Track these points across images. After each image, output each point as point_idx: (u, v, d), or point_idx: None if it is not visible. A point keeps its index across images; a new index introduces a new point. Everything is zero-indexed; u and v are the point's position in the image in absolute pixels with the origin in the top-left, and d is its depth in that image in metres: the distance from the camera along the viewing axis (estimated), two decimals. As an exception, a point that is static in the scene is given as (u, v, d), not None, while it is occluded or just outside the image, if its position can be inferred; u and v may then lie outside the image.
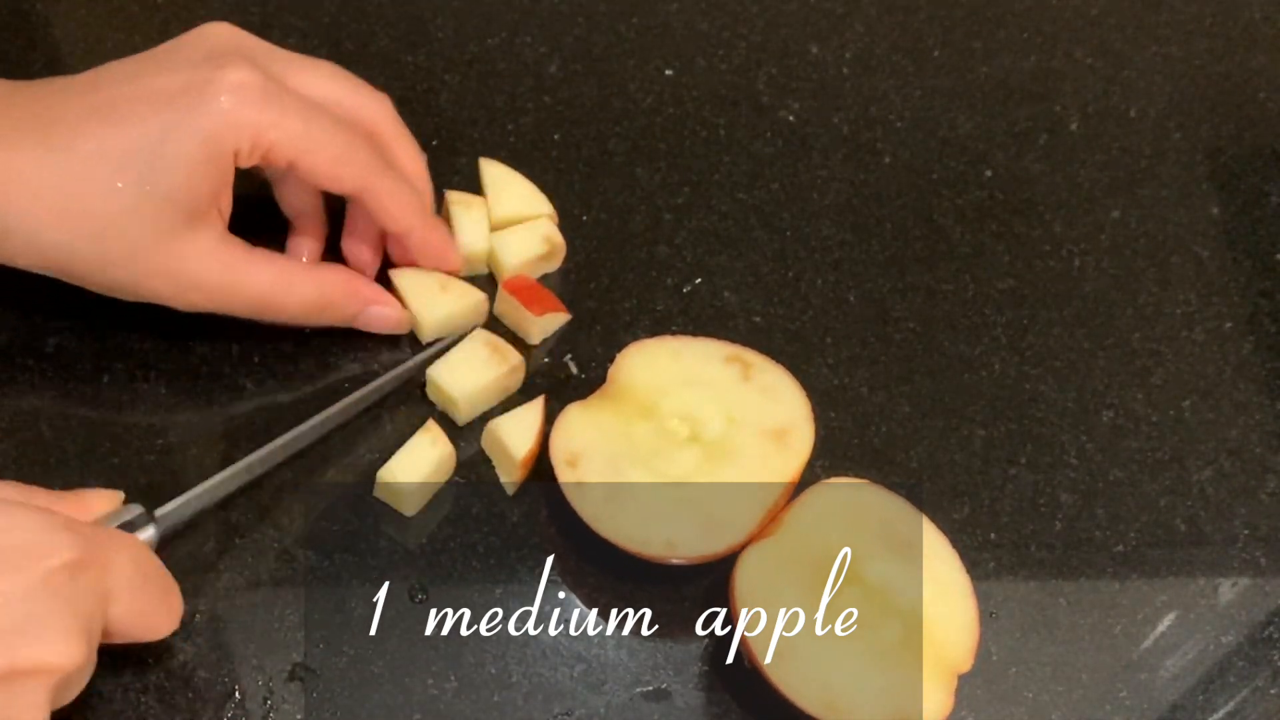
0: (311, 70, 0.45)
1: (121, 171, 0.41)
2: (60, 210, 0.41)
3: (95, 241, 0.42)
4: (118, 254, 0.42)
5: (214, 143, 0.41)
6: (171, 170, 0.41)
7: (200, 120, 0.41)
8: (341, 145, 0.44)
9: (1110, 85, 0.58)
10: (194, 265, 0.43)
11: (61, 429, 0.46)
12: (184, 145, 0.41)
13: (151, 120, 0.41)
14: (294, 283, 0.45)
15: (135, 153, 0.41)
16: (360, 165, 0.44)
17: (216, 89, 0.41)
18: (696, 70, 0.57)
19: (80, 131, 0.41)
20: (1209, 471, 0.49)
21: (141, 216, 0.42)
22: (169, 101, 0.41)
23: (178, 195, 0.42)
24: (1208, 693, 0.45)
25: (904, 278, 0.52)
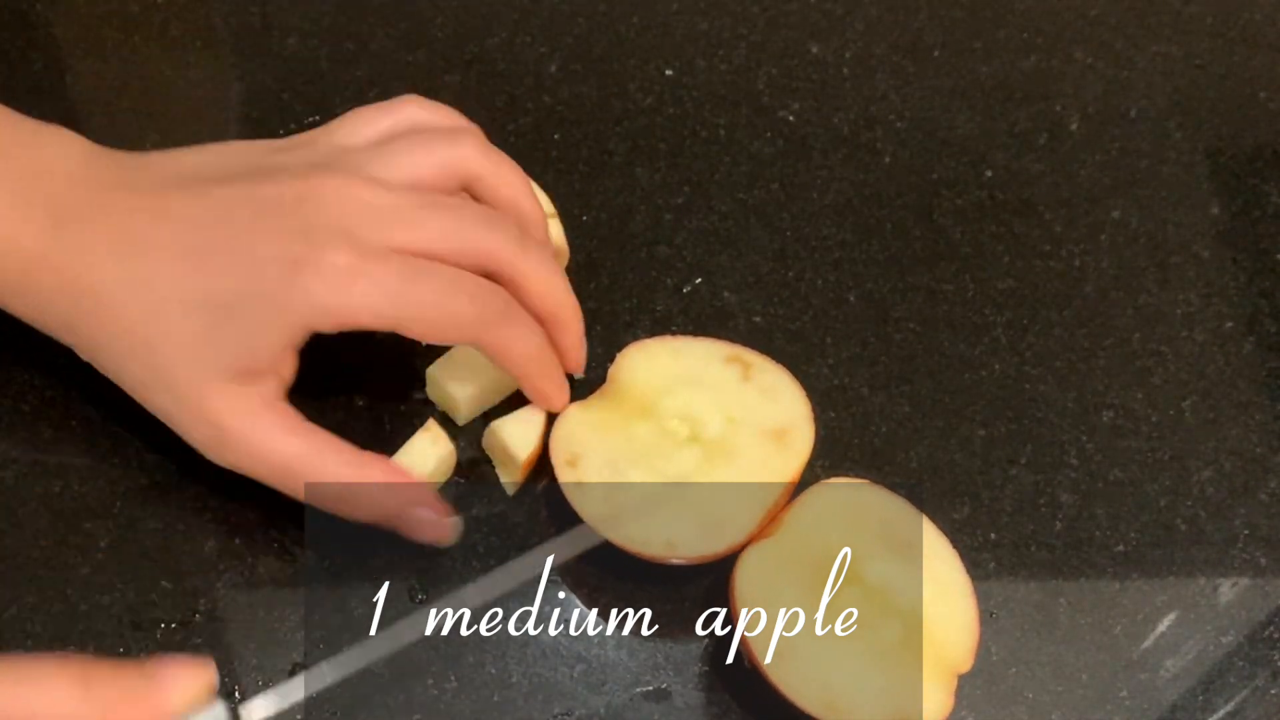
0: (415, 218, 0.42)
1: (190, 313, 0.41)
2: (124, 334, 0.41)
3: (147, 371, 0.42)
4: (167, 388, 0.42)
5: (291, 326, 0.41)
6: (238, 332, 0.41)
7: (283, 300, 0.40)
8: (440, 311, 0.41)
9: (1110, 85, 0.58)
10: (231, 422, 0.41)
11: (61, 429, 0.46)
12: (259, 318, 0.41)
13: (232, 285, 0.41)
14: (326, 462, 0.42)
15: (211, 308, 0.41)
16: (462, 323, 0.42)
17: (309, 272, 0.40)
18: (696, 70, 0.57)
19: (163, 271, 0.41)
20: (1209, 471, 0.49)
21: (197, 363, 0.41)
22: (259, 271, 0.40)
23: (238, 353, 0.41)
24: (1208, 693, 0.45)
25: (904, 278, 0.52)
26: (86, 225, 0.42)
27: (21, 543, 0.44)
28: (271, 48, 0.55)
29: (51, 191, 0.42)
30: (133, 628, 0.43)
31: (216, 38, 0.56)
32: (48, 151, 0.43)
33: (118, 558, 0.44)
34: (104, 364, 0.43)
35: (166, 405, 0.42)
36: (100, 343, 0.42)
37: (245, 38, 0.55)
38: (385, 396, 0.48)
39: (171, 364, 0.41)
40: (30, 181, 0.42)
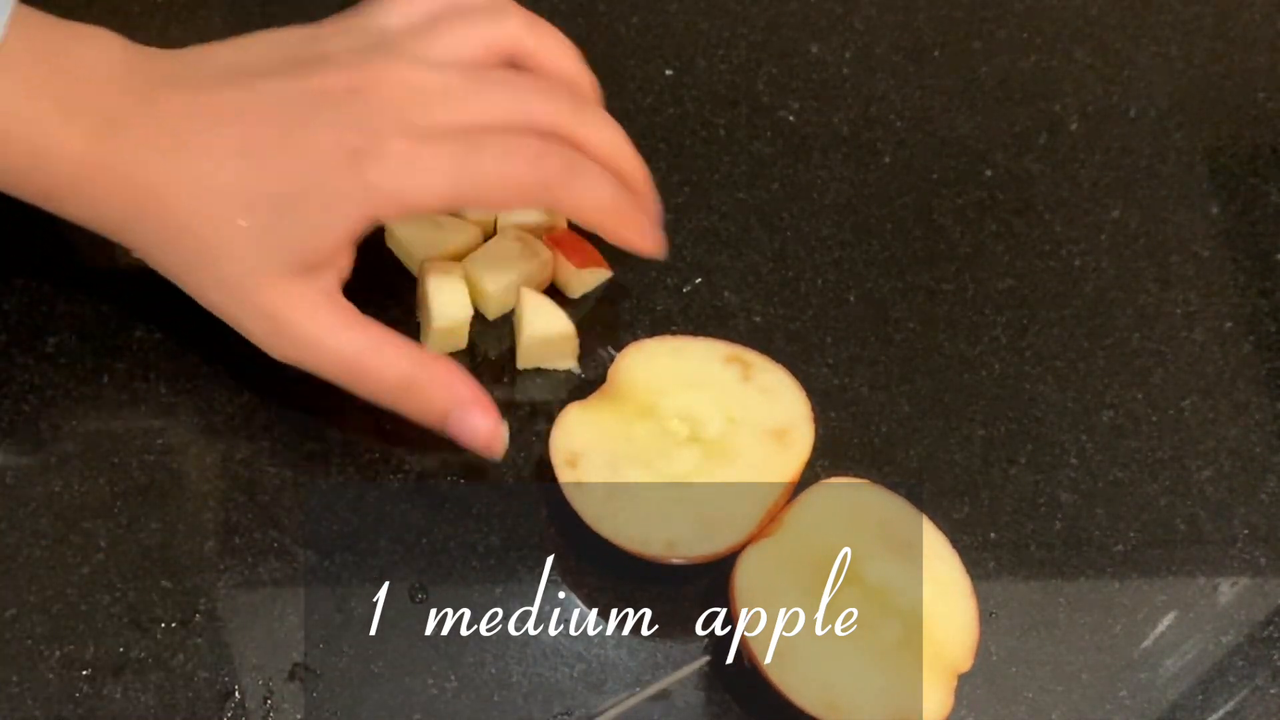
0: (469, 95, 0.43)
1: (248, 211, 0.41)
2: (182, 232, 0.41)
3: (205, 267, 0.42)
4: (224, 282, 0.42)
5: (351, 217, 0.41)
6: (298, 226, 0.41)
7: (344, 191, 0.41)
8: (503, 180, 0.42)
9: (1110, 85, 0.58)
10: (291, 314, 0.42)
11: (61, 429, 0.46)
12: (318, 209, 0.41)
13: (291, 180, 0.41)
14: (386, 355, 0.43)
15: (268, 200, 0.41)
16: (528, 190, 0.42)
17: (368, 162, 0.41)
18: (696, 70, 0.57)
19: (220, 168, 0.41)
20: (1209, 471, 0.49)
21: (255, 257, 0.41)
22: (317, 164, 0.41)
23: (298, 247, 0.41)
24: (1208, 693, 0.45)
25: (904, 278, 0.52)
26: (135, 126, 0.41)
27: (21, 543, 0.44)
28: (271, 48, 0.55)
29: (96, 93, 0.41)
30: (133, 628, 0.43)
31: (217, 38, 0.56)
32: (88, 53, 0.42)
33: (118, 558, 0.44)
34: (160, 262, 0.43)
35: (225, 301, 0.42)
36: (157, 242, 0.42)
37: (245, 38, 0.55)
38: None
39: (231, 260, 0.41)
40: (73, 84, 0.41)
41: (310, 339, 0.42)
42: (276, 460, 0.46)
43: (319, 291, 0.42)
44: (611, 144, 0.45)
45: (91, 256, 0.49)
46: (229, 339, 0.48)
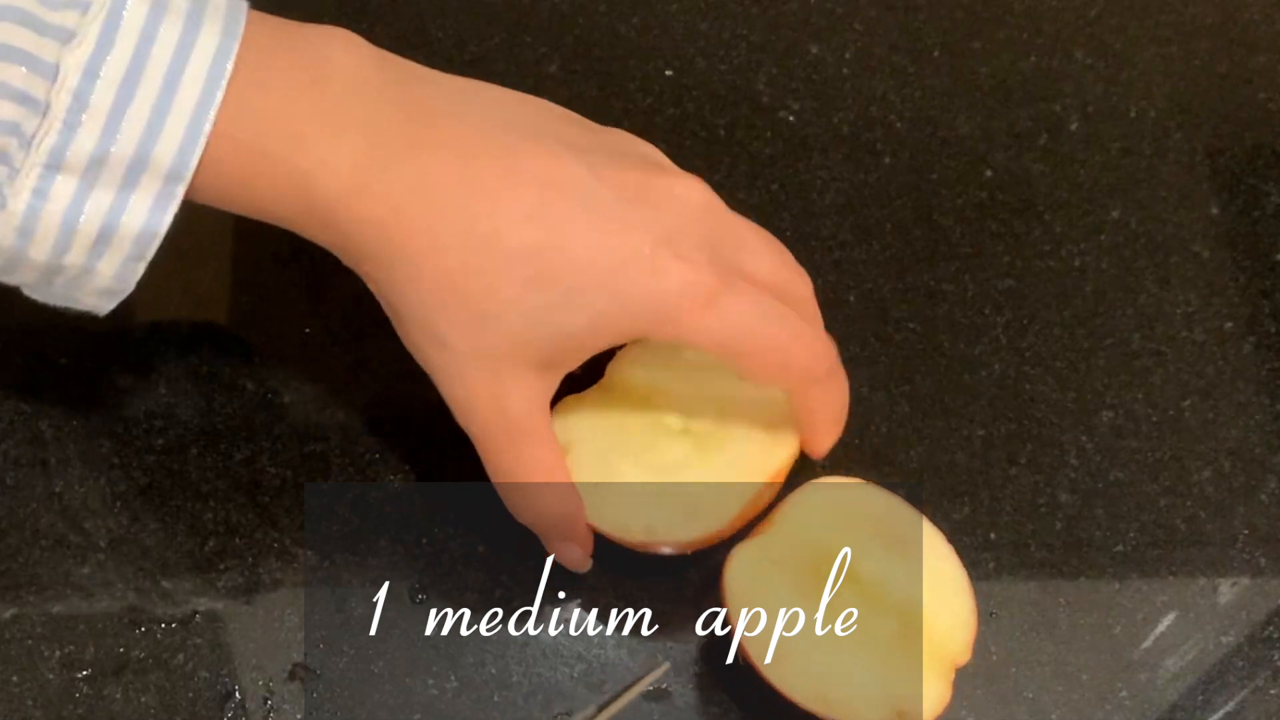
0: (762, 251, 0.41)
1: (524, 289, 0.37)
2: (443, 280, 0.37)
3: (449, 323, 0.38)
4: (459, 343, 0.38)
5: (631, 326, 0.38)
6: (571, 321, 0.38)
7: (633, 300, 0.37)
8: (776, 356, 0.40)
9: (1110, 85, 0.58)
10: (504, 400, 0.39)
11: (61, 429, 0.46)
12: (600, 311, 0.37)
13: (588, 270, 0.37)
14: (549, 489, 0.41)
15: (551, 285, 0.37)
16: (790, 375, 0.41)
17: (668, 280, 0.37)
18: (696, 70, 0.57)
19: (512, 232, 0.37)
20: (1209, 471, 0.49)
21: (508, 333, 0.38)
22: (615, 264, 0.37)
23: (560, 344, 0.38)
24: (1208, 693, 0.45)
25: (904, 278, 0.52)
26: (419, 156, 0.37)
27: (21, 543, 0.44)
28: (271, 48, 0.55)
29: (367, 113, 0.37)
30: (133, 627, 0.43)
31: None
32: (345, 59, 0.37)
33: (118, 558, 0.44)
34: (398, 302, 0.38)
35: (448, 365, 0.39)
36: (406, 285, 0.38)
37: (245, 38, 0.55)
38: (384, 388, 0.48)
39: (484, 332, 0.37)
40: (341, 103, 0.37)
41: (507, 434, 0.40)
42: (276, 460, 0.46)
43: (544, 392, 0.39)
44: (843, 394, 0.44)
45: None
46: (229, 339, 0.48)
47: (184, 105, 0.34)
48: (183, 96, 0.34)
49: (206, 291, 0.49)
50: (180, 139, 0.35)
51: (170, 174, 0.35)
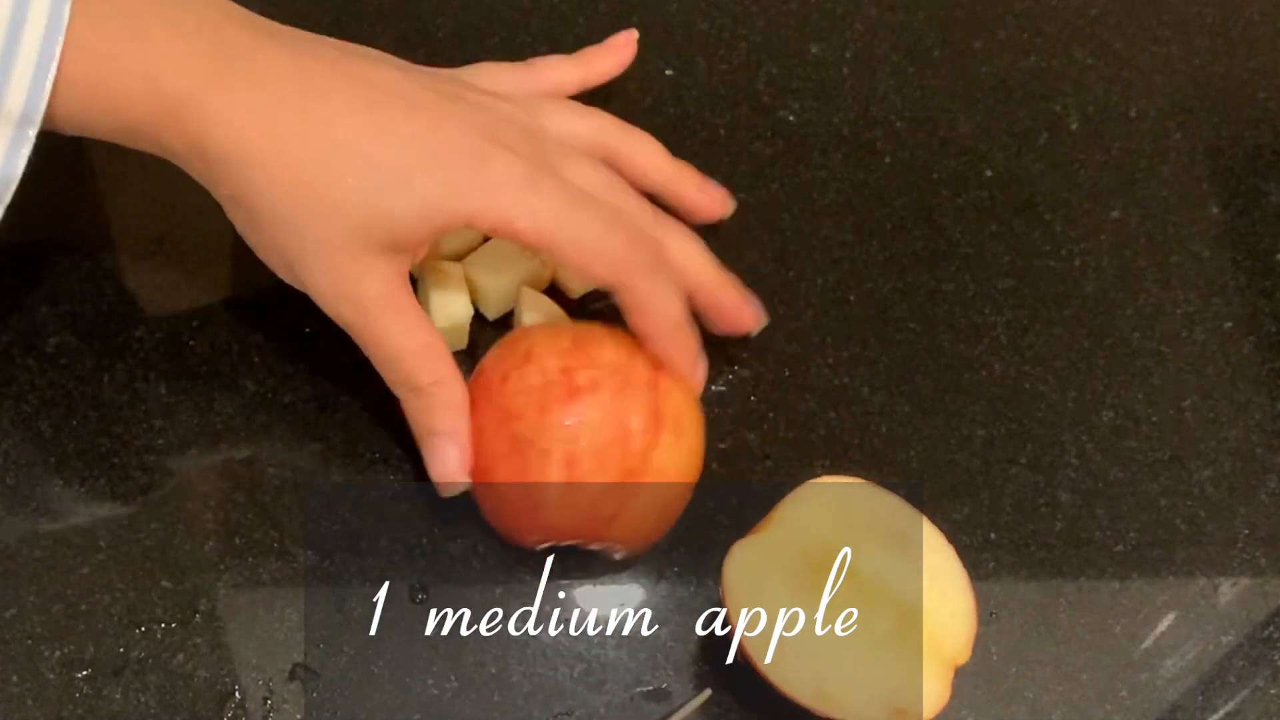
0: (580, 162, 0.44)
1: (366, 171, 0.40)
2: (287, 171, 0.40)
3: (296, 216, 0.40)
4: (310, 235, 0.41)
5: (457, 207, 0.41)
6: (402, 202, 0.40)
7: (459, 184, 0.41)
8: (597, 238, 0.42)
9: (1110, 85, 0.58)
10: (360, 283, 0.41)
11: (61, 429, 0.46)
12: (429, 193, 0.40)
13: (414, 153, 0.40)
14: (426, 357, 0.43)
15: (381, 168, 0.40)
16: (613, 262, 0.42)
17: (491, 166, 0.41)
18: (696, 70, 0.57)
19: (344, 120, 0.40)
20: (1209, 471, 0.49)
21: (355, 222, 0.40)
22: (440, 149, 0.41)
23: (398, 225, 0.41)
24: (1208, 693, 0.45)
25: (904, 278, 0.52)
26: (260, 56, 0.40)
27: (21, 543, 0.44)
28: (271, 48, 0.55)
29: (211, 22, 0.40)
30: (133, 628, 0.43)
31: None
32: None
33: (118, 558, 0.44)
34: (251, 201, 0.41)
35: (302, 257, 0.41)
36: (251, 183, 0.40)
37: (245, 38, 0.55)
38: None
39: (328, 219, 0.40)
40: (186, 13, 0.40)
41: (370, 315, 0.42)
42: (276, 460, 0.46)
43: (396, 274, 0.42)
44: (691, 256, 0.46)
45: (92, 257, 0.49)
46: (229, 339, 0.48)
47: (28, 55, 0.37)
48: (25, 47, 0.37)
49: (206, 291, 0.49)
50: (28, 86, 0.37)
51: (22, 119, 0.38)
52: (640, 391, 0.43)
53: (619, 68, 0.51)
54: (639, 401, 0.42)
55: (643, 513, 0.43)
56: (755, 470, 0.48)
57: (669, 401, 0.43)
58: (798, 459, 0.48)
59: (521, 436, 0.42)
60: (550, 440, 0.42)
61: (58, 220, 0.46)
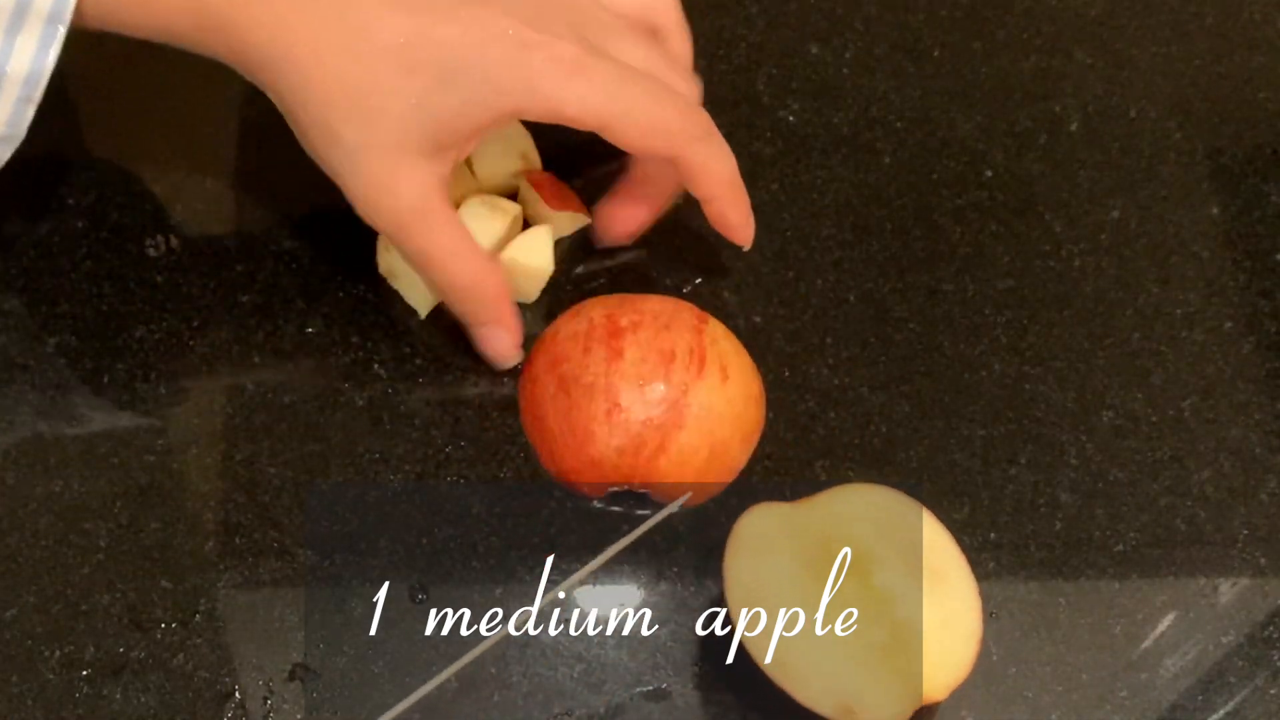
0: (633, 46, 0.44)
1: (408, 75, 0.40)
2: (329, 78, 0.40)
3: (340, 119, 0.41)
4: (351, 138, 0.41)
5: (503, 103, 0.41)
6: (452, 106, 0.41)
7: (503, 79, 0.41)
8: (648, 112, 0.42)
9: (1110, 85, 0.58)
10: (401, 187, 0.42)
11: (61, 429, 0.46)
12: (476, 93, 0.40)
13: (458, 51, 0.40)
14: (463, 257, 0.44)
15: (431, 71, 0.40)
16: (669, 136, 0.43)
17: (533, 59, 0.41)
18: (697, 70, 0.57)
19: (384, 22, 0.40)
20: (1209, 471, 0.49)
21: (398, 125, 0.41)
22: (483, 44, 0.40)
23: (443, 126, 0.41)
24: (1208, 693, 0.45)
25: (904, 278, 0.52)
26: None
27: (21, 543, 0.44)
28: (271, 48, 0.55)
29: None
30: (133, 628, 0.43)
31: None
32: None
33: (118, 558, 0.44)
34: (293, 105, 0.41)
35: (343, 161, 0.42)
36: (293, 88, 0.41)
37: (245, 38, 0.55)
38: (386, 386, 0.48)
39: (372, 124, 0.41)
40: None
41: (409, 218, 0.42)
42: (276, 460, 0.46)
43: (437, 177, 0.42)
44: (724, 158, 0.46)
45: (92, 257, 0.49)
46: (229, 339, 0.48)
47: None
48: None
49: (206, 291, 0.49)
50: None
51: (51, 16, 0.39)
52: (683, 334, 0.45)
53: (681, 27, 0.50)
54: (681, 341, 0.45)
55: (690, 449, 0.44)
56: (755, 470, 0.48)
57: (714, 346, 0.45)
58: (798, 459, 0.48)
59: (567, 376, 0.44)
60: (592, 375, 0.44)
61: (58, 220, 0.46)
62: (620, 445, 0.44)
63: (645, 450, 0.44)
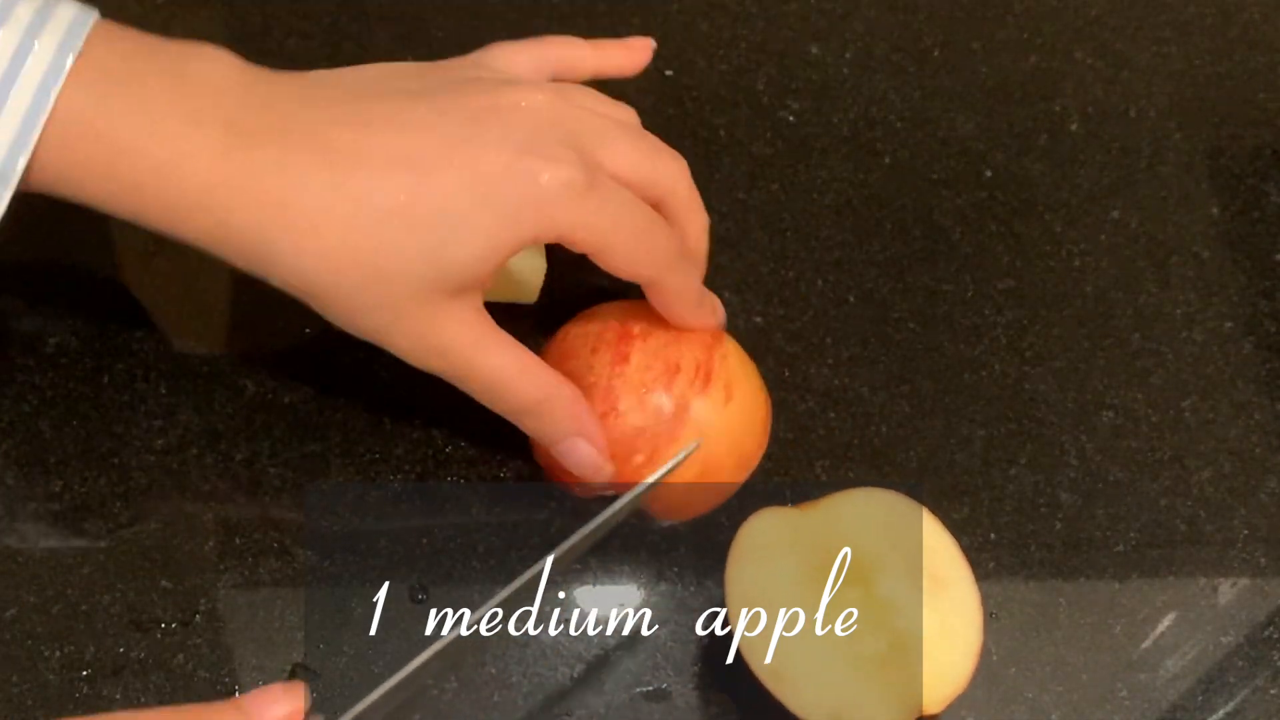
0: (619, 143, 0.42)
1: (411, 234, 0.39)
2: (338, 252, 0.39)
3: (356, 289, 0.39)
4: (375, 304, 0.40)
5: (519, 235, 0.39)
6: (464, 247, 0.39)
7: (513, 211, 0.39)
8: (640, 240, 0.41)
9: (1110, 85, 0.58)
10: (444, 334, 0.40)
11: (61, 429, 0.46)
12: (488, 230, 0.39)
13: (462, 196, 0.39)
14: (527, 377, 0.42)
15: (433, 222, 0.39)
16: (654, 261, 0.42)
17: (540, 185, 0.39)
18: (696, 70, 0.57)
19: (378, 184, 0.38)
20: (1209, 471, 0.49)
21: (414, 280, 0.39)
22: (485, 182, 0.39)
23: (460, 271, 0.39)
24: (1208, 693, 0.45)
25: (904, 278, 0.52)
26: (273, 136, 0.38)
27: (21, 543, 0.44)
28: (271, 48, 0.55)
29: (223, 104, 0.39)
30: (133, 628, 0.43)
31: (217, 38, 0.56)
32: (206, 66, 0.39)
33: (118, 558, 0.44)
34: (297, 283, 0.40)
35: (375, 323, 0.40)
36: (295, 262, 0.39)
37: (245, 38, 0.55)
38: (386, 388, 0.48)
39: (387, 284, 0.39)
40: (197, 96, 0.38)
41: (462, 358, 0.41)
42: (276, 460, 0.46)
43: (472, 309, 0.41)
44: (702, 227, 0.45)
45: (92, 257, 0.49)
46: (229, 339, 0.48)
47: (14, 112, 0.36)
48: (13, 105, 0.36)
49: (206, 291, 0.49)
50: (7, 145, 0.36)
51: None
52: (693, 348, 0.44)
53: (632, 66, 0.49)
54: (689, 354, 0.44)
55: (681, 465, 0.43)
56: (755, 470, 0.47)
57: (723, 363, 0.44)
58: (798, 459, 0.48)
59: (571, 374, 0.43)
60: (595, 376, 0.43)
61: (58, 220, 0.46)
62: (612, 451, 0.43)
63: (635, 459, 0.43)
